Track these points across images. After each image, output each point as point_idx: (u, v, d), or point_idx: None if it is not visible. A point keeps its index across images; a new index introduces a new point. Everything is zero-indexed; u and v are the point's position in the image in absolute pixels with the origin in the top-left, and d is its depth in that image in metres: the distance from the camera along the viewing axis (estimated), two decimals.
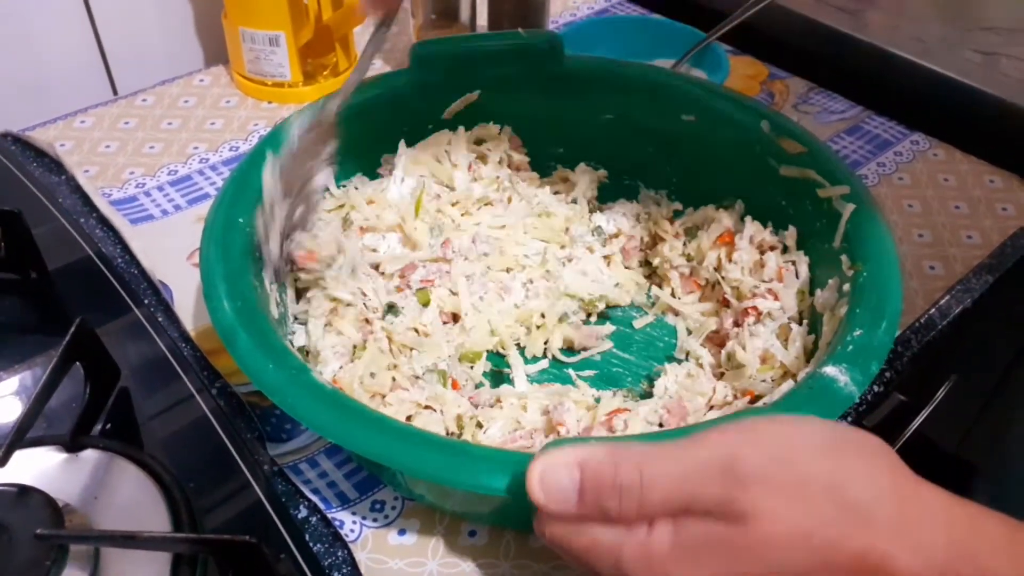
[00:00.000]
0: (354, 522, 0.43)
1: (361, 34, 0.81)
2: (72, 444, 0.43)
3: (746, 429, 0.31)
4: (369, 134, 0.55)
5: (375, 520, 0.43)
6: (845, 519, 0.29)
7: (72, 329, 0.44)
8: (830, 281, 0.46)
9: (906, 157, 0.69)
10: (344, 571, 0.41)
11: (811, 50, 0.79)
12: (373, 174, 0.57)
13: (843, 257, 0.46)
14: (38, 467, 0.42)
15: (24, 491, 0.39)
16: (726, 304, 0.51)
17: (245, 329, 0.40)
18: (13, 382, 0.49)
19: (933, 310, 0.56)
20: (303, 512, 0.44)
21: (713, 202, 0.56)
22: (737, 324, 0.48)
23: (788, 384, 0.41)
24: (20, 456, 0.42)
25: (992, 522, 0.29)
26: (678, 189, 0.58)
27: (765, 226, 0.53)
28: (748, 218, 0.53)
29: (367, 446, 0.36)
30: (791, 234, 0.51)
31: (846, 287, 0.44)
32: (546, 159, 0.60)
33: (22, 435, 0.40)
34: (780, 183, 0.52)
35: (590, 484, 0.31)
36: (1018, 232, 0.62)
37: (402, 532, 0.43)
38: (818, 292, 0.47)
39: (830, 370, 0.38)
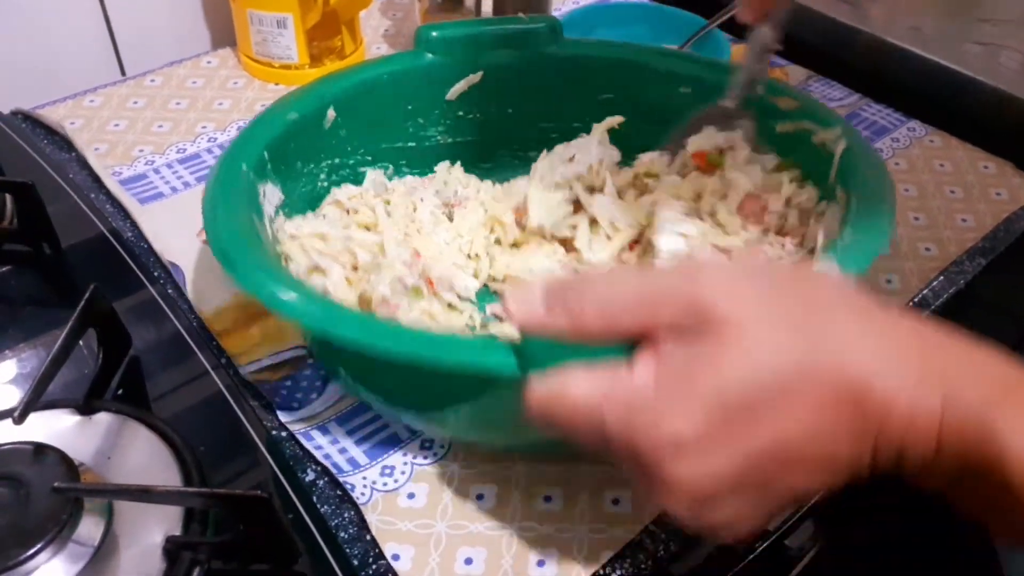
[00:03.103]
0: (365, 486, 0.44)
1: (366, 18, 0.82)
2: (85, 407, 0.44)
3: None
4: (373, 112, 0.56)
5: (385, 484, 0.44)
6: (821, 331, 0.29)
7: (86, 295, 0.45)
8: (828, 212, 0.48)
9: (903, 143, 0.70)
10: (350, 531, 0.42)
11: (810, 39, 0.80)
12: (375, 153, 0.58)
13: (838, 188, 0.48)
14: (53, 428, 0.43)
15: (41, 448, 0.40)
16: None
17: (241, 245, 0.41)
18: (28, 353, 0.50)
19: (927, 290, 0.58)
20: (311, 475, 0.45)
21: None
22: None
23: None
24: (36, 417, 0.43)
25: (960, 347, 0.29)
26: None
27: None
28: (785, 178, 0.53)
29: (355, 337, 0.36)
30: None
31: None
32: (547, 138, 0.61)
33: (39, 395, 0.41)
34: (777, 140, 0.54)
35: (557, 287, 0.32)
36: (1011, 216, 0.64)
37: (411, 496, 0.44)
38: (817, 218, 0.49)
39: (821, 266, 0.39)
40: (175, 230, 0.58)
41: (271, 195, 0.49)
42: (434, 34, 0.57)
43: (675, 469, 0.29)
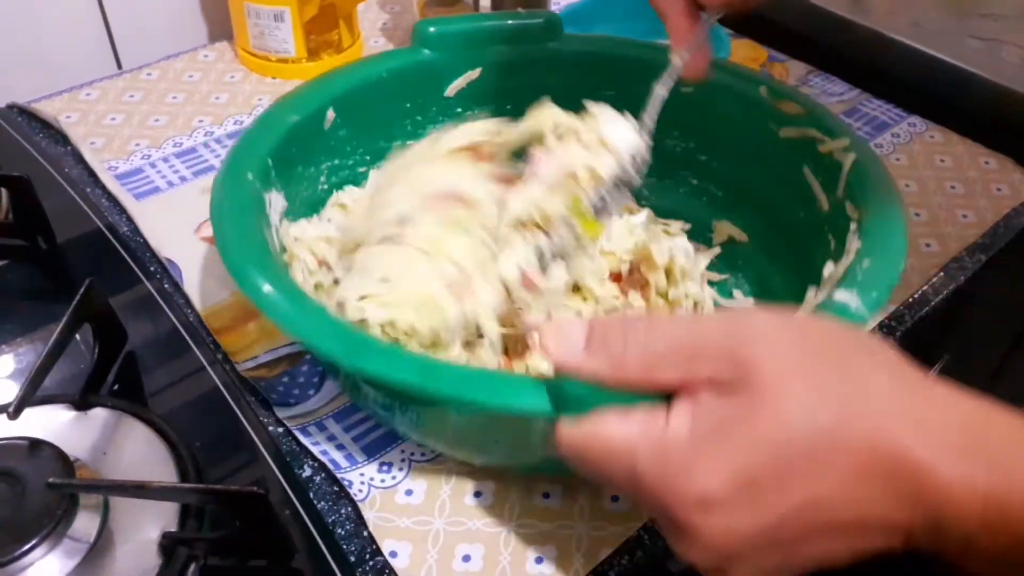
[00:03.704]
0: (362, 483, 0.44)
1: (364, 12, 0.82)
2: (81, 402, 0.44)
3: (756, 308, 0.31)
4: (372, 111, 0.56)
5: (383, 481, 0.44)
6: (856, 397, 0.28)
7: (82, 290, 0.45)
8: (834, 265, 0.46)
9: (903, 139, 0.70)
10: (347, 527, 0.42)
11: (810, 34, 0.80)
12: (374, 152, 0.57)
13: (847, 204, 0.47)
14: (49, 423, 0.43)
15: (36, 444, 0.39)
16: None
17: (258, 267, 0.40)
18: (24, 347, 0.50)
19: (927, 286, 0.57)
20: (307, 471, 0.45)
21: (712, 179, 0.58)
22: None
23: (801, 311, 0.42)
24: (31, 413, 0.43)
25: (1005, 417, 0.29)
26: (679, 160, 0.59)
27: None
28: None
29: (381, 369, 0.36)
30: None
31: (848, 258, 0.45)
32: None
33: (34, 389, 0.41)
34: (780, 145, 0.53)
35: (599, 329, 0.32)
36: (1011, 212, 0.63)
37: (409, 492, 0.44)
38: (829, 265, 0.47)
39: (842, 295, 0.39)
40: (172, 225, 0.58)
41: (276, 203, 0.48)
42: (432, 29, 0.56)
43: (701, 523, 0.29)
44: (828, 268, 0.45)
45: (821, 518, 0.28)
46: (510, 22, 0.58)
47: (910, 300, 0.56)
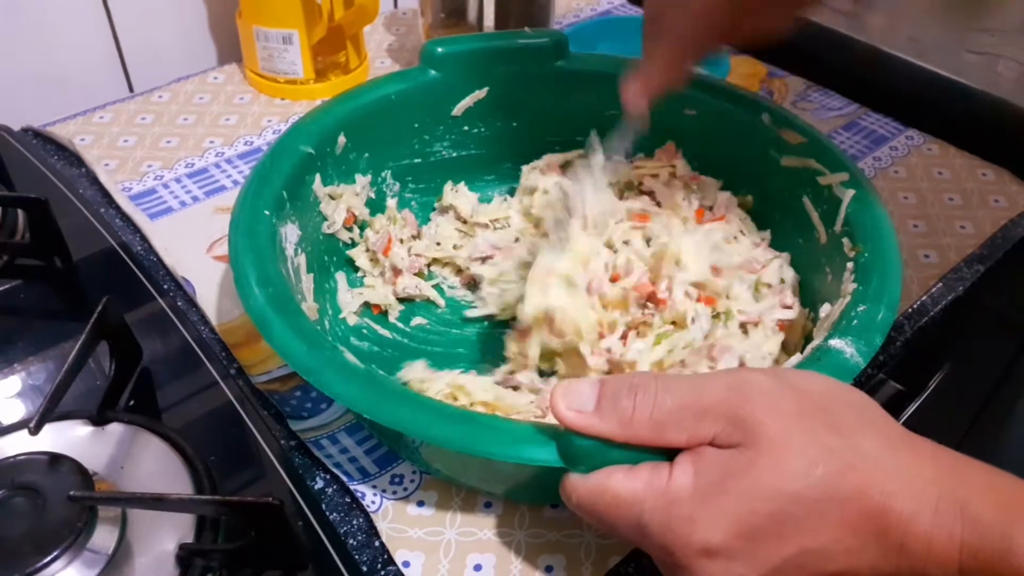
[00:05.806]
0: (375, 495, 0.45)
1: (371, 33, 0.83)
2: (98, 418, 0.45)
3: (754, 368, 0.33)
4: (381, 133, 0.57)
5: (395, 493, 0.45)
6: (847, 453, 0.30)
7: (99, 308, 0.46)
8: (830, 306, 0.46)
9: (901, 152, 0.71)
10: (359, 538, 0.43)
11: (809, 50, 0.81)
12: (381, 172, 0.58)
13: (844, 240, 0.48)
14: (67, 438, 0.44)
15: (56, 458, 0.40)
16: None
17: (277, 313, 0.41)
18: (39, 365, 0.51)
19: (926, 297, 0.58)
20: (320, 483, 0.45)
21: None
22: None
23: (796, 357, 0.42)
24: (50, 428, 0.44)
25: (976, 470, 0.31)
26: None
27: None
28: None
29: (400, 421, 0.37)
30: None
31: (845, 293, 0.45)
32: (551, 150, 0.62)
33: (54, 405, 0.42)
34: (782, 173, 0.54)
35: (608, 389, 0.33)
36: (1009, 223, 0.64)
37: (421, 504, 0.44)
38: (826, 306, 0.47)
39: (836, 343, 0.40)
40: (185, 245, 0.59)
41: (291, 235, 0.49)
42: (440, 50, 0.57)
43: (704, 570, 0.31)
44: (824, 309, 0.46)
45: (815, 567, 0.31)
46: (517, 42, 0.59)
47: (909, 311, 0.57)
